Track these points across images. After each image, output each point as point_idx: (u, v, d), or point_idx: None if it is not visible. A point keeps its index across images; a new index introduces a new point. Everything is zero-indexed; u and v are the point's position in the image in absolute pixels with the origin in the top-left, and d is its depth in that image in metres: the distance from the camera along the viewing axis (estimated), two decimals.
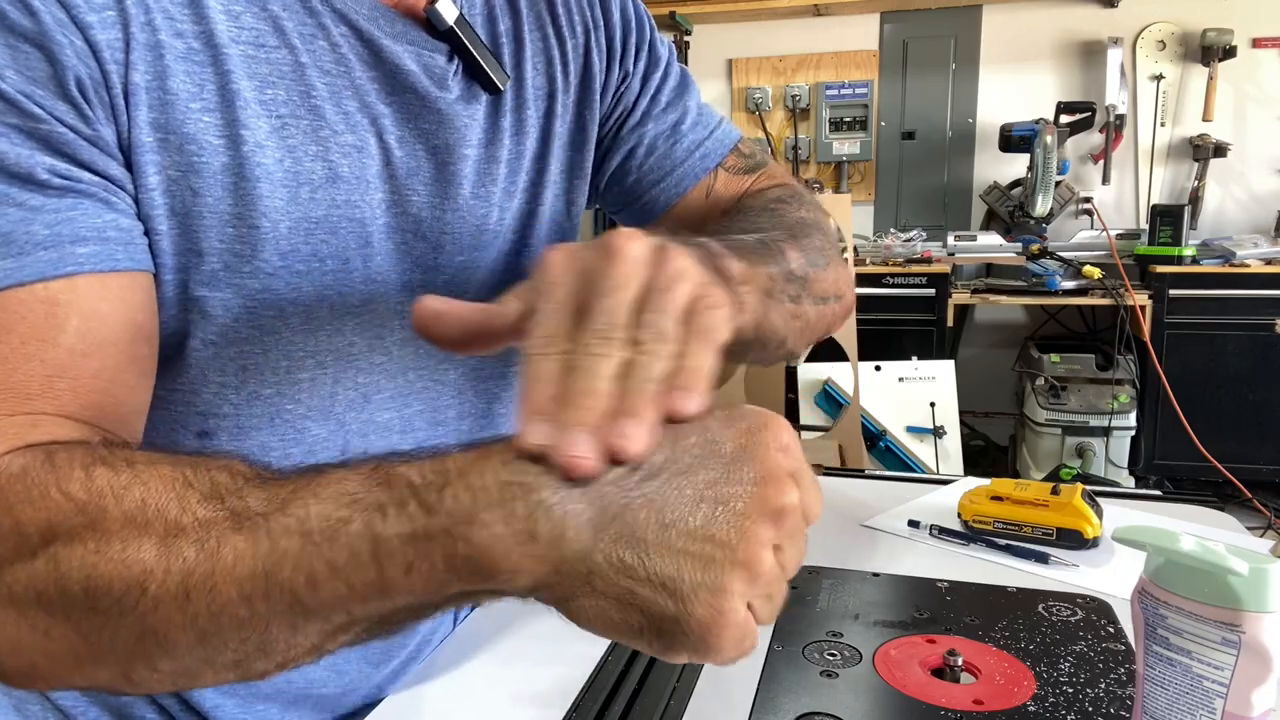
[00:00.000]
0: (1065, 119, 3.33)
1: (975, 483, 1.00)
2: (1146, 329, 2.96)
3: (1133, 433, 2.99)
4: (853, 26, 3.68)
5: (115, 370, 0.49)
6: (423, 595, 0.37)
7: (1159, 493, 1.10)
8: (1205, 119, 3.31)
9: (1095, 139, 3.44)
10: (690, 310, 0.38)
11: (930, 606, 0.74)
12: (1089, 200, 3.43)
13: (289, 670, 0.41)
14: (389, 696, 0.68)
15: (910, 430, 2.96)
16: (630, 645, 0.37)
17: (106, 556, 0.39)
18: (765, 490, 0.36)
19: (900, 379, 3.00)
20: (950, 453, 2.96)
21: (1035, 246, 3.11)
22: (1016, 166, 3.40)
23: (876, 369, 2.98)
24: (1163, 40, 3.39)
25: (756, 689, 0.62)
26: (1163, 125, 3.42)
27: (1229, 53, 3.24)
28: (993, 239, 3.30)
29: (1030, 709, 0.60)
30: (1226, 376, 2.97)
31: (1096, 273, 3.01)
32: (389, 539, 0.36)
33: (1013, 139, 3.26)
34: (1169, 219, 3.05)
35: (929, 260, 3.17)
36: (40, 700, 0.65)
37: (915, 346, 3.07)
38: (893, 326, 3.10)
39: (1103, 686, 0.62)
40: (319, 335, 0.60)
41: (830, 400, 2.95)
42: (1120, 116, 3.36)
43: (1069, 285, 3.04)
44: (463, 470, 0.36)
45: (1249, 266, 2.95)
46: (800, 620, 0.72)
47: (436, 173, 0.64)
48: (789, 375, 2.93)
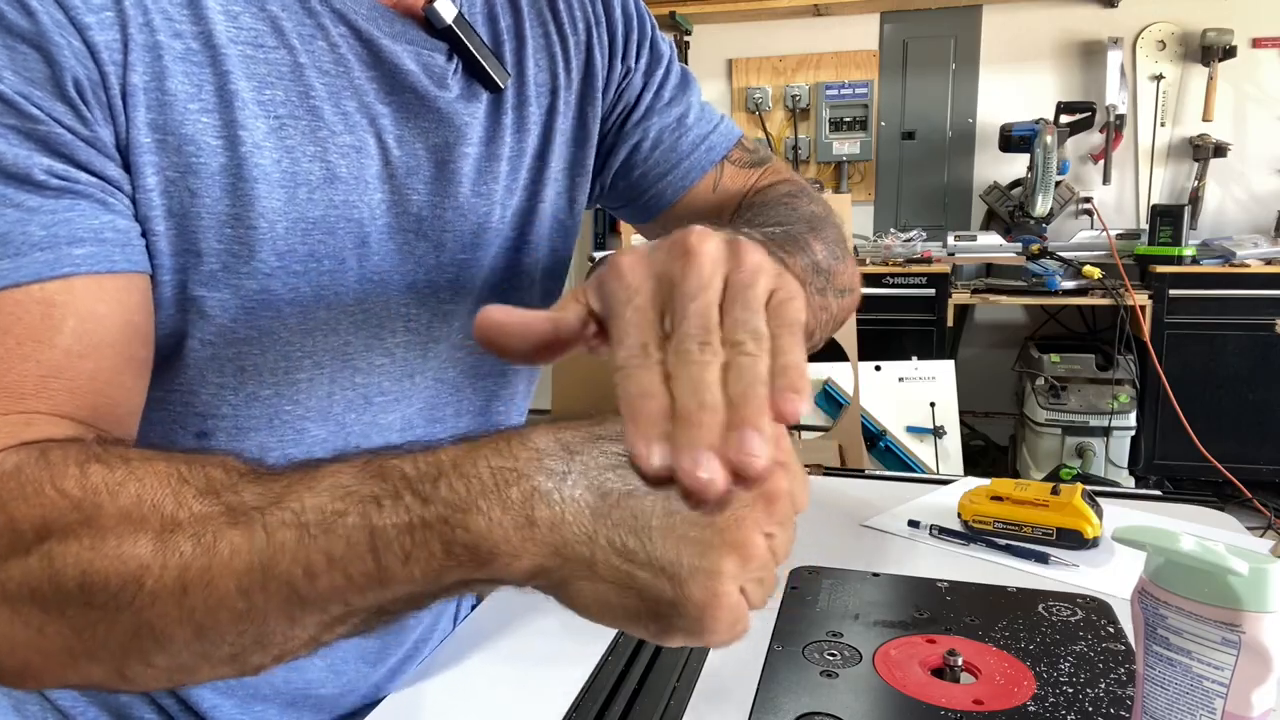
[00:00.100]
0: (1065, 119, 3.33)
1: (975, 483, 1.00)
2: (1146, 329, 2.96)
3: (1133, 433, 2.99)
4: (853, 26, 3.68)
5: (111, 371, 0.49)
6: (421, 585, 0.37)
7: (1159, 493, 1.10)
8: (1205, 119, 3.31)
9: (1095, 139, 3.44)
10: (773, 303, 0.36)
11: (930, 606, 0.74)
12: (1089, 200, 3.43)
13: (284, 664, 0.41)
14: (389, 696, 0.68)
15: (910, 430, 2.96)
16: (625, 629, 0.38)
17: (102, 552, 0.39)
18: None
19: (900, 379, 3.00)
20: (950, 453, 2.96)
21: (1035, 246, 3.11)
22: (1016, 166, 3.40)
23: (876, 369, 2.98)
24: (1163, 40, 3.39)
25: (756, 689, 0.62)
26: (1163, 125, 3.42)
27: (1229, 53, 3.24)
28: (993, 239, 3.30)
29: (1030, 709, 0.60)
30: (1226, 376, 2.96)
31: (1096, 273, 3.01)
32: (385, 529, 0.36)
33: (1013, 139, 3.26)
34: (1169, 219, 3.05)
35: (929, 260, 3.17)
36: (39, 700, 0.65)
37: (915, 346, 3.07)
38: (893, 326, 3.10)
39: (1103, 686, 0.62)
40: (315, 336, 0.60)
41: (830, 400, 2.95)
42: (1120, 116, 3.36)
43: (1069, 285, 3.04)
44: (456, 461, 0.36)
45: (1249, 266, 2.95)
46: (800, 620, 0.72)
47: (436, 172, 0.64)
48: None
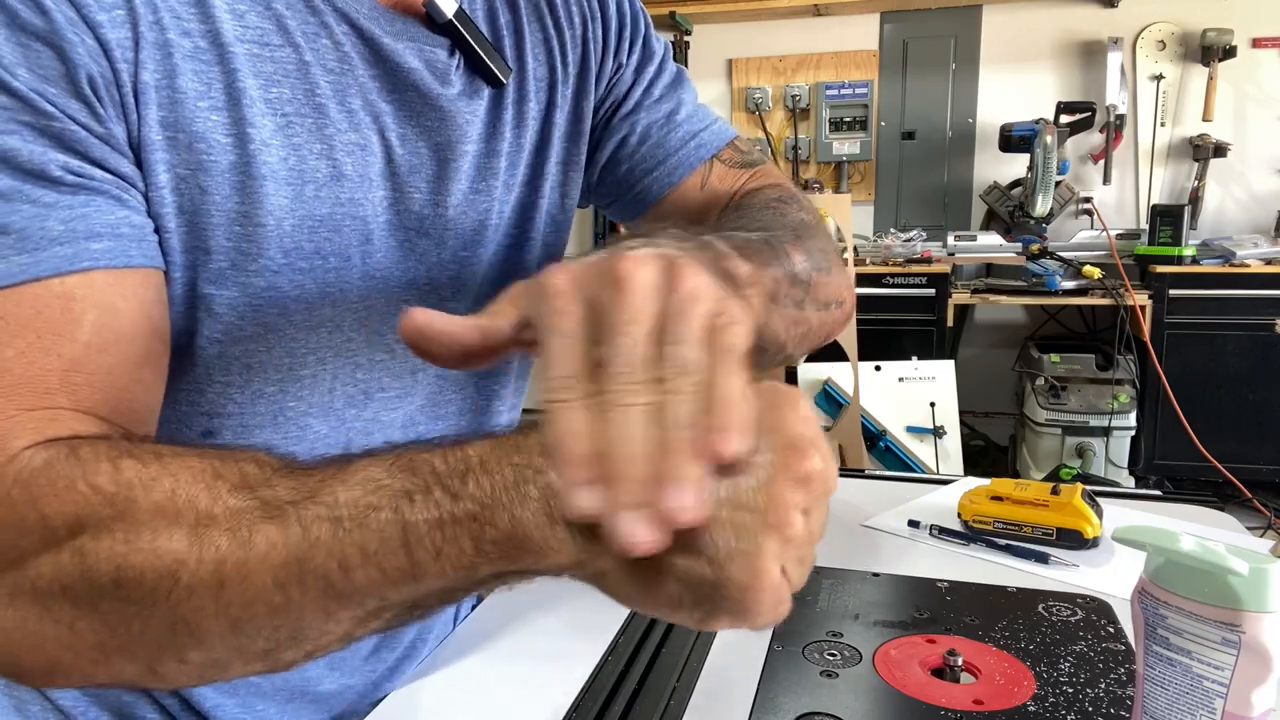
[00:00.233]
0: (1065, 119, 3.33)
1: (975, 483, 1.00)
2: (1146, 329, 2.96)
3: (1133, 433, 2.99)
4: (853, 26, 3.68)
5: (131, 365, 0.49)
6: (453, 579, 0.37)
7: (1159, 493, 1.10)
8: (1205, 119, 3.32)
9: (1095, 139, 3.44)
10: (710, 331, 0.36)
11: (930, 606, 0.74)
12: (1089, 200, 3.43)
13: (315, 659, 0.41)
14: (389, 695, 0.68)
15: (910, 430, 2.96)
16: (668, 617, 0.37)
17: (137, 546, 0.39)
18: (790, 457, 0.36)
19: (900, 379, 3.00)
20: (950, 453, 2.96)
21: (1035, 246, 3.11)
22: (1016, 166, 3.40)
23: (876, 369, 2.98)
24: (1163, 40, 3.39)
25: (756, 689, 0.62)
26: (1163, 125, 3.42)
27: (1229, 53, 3.24)
28: (993, 239, 3.30)
29: (1030, 709, 0.60)
30: (1226, 376, 2.97)
31: (1096, 273, 3.01)
32: (416, 525, 0.36)
33: (1013, 139, 3.26)
34: (1169, 219, 3.05)
35: (929, 260, 3.17)
36: (40, 700, 0.65)
37: (915, 346, 3.07)
38: (893, 326, 3.10)
39: (1103, 686, 0.62)
40: (320, 332, 0.60)
41: (830, 400, 2.95)
42: (1120, 116, 3.36)
43: (1069, 285, 3.04)
44: (483, 458, 0.36)
45: (1249, 266, 2.95)
46: (800, 620, 0.72)
47: (438, 169, 0.64)
48: (789, 375, 2.93)
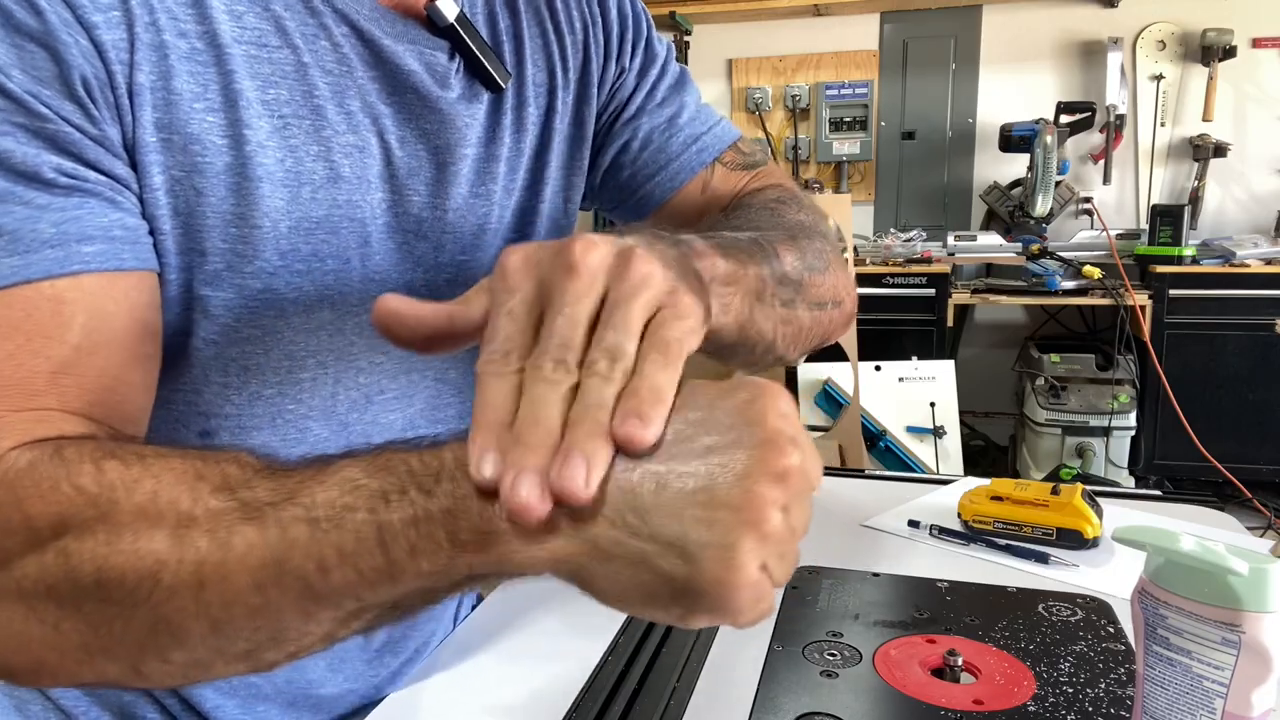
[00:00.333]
0: (1065, 119, 3.33)
1: (975, 483, 1.00)
2: (1146, 329, 2.96)
3: (1133, 433, 2.99)
4: (853, 26, 3.68)
5: (120, 368, 0.49)
6: (430, 578, 0.37)
7: (1159, 493, 1.10)
8: (1205, 119, 3.31)
9: (1095, 139, 3.44)
10: (654, 322, 0.36)
11: (930, 606, 0.74)
12: (1089, 200, 3.43)
13: (298, 660, 0.41)
14: (390, 696, 0.68)
15: (910, 430, 2.96)
16: (649, 615, 0.37)
17: (118, 548, 0.39)
18: (767, 453, 0.36)
19: (900, 379, 3.00)
20: (950, 453, 2.96)
21: (1035, 246, 3.11)
22: (1016, 166, 3.40)
23: (876, 369, 2.98)
24: (1163, 40, 3.39)
25: (756, 689, 0.62)
26: (1163, 125, 3.42)
27: (1229, 53, 3.24)
28: (993, 239, 3.30)
29: (1030, 709, 0.60)
30: (1226, 376, 2.96)
31: (1096, 273, 3.01)
32: (392, 524, 0.36)
33: (1013, 139, 3.26)
34: (1169, 219, 3.05)
35: (929, 260, 3.17)
36: (41, 700, 0.65)
37: (915, 346, 3.07)
38: (893, 326, 3.10)
39: (1103, 686, 0.62)
40: (319, 335, 0.60)
41: (830, 400, 2.95)
42: (1120, 116, 3.36)
43: (1069, 285, 3.04)
44: (457, 454, 0.36)
45: (1249, 266, 2.95)
46: (800, 620, 0.72)
47: (437, 173, 0.64)
48: (789, 375, 2.93)
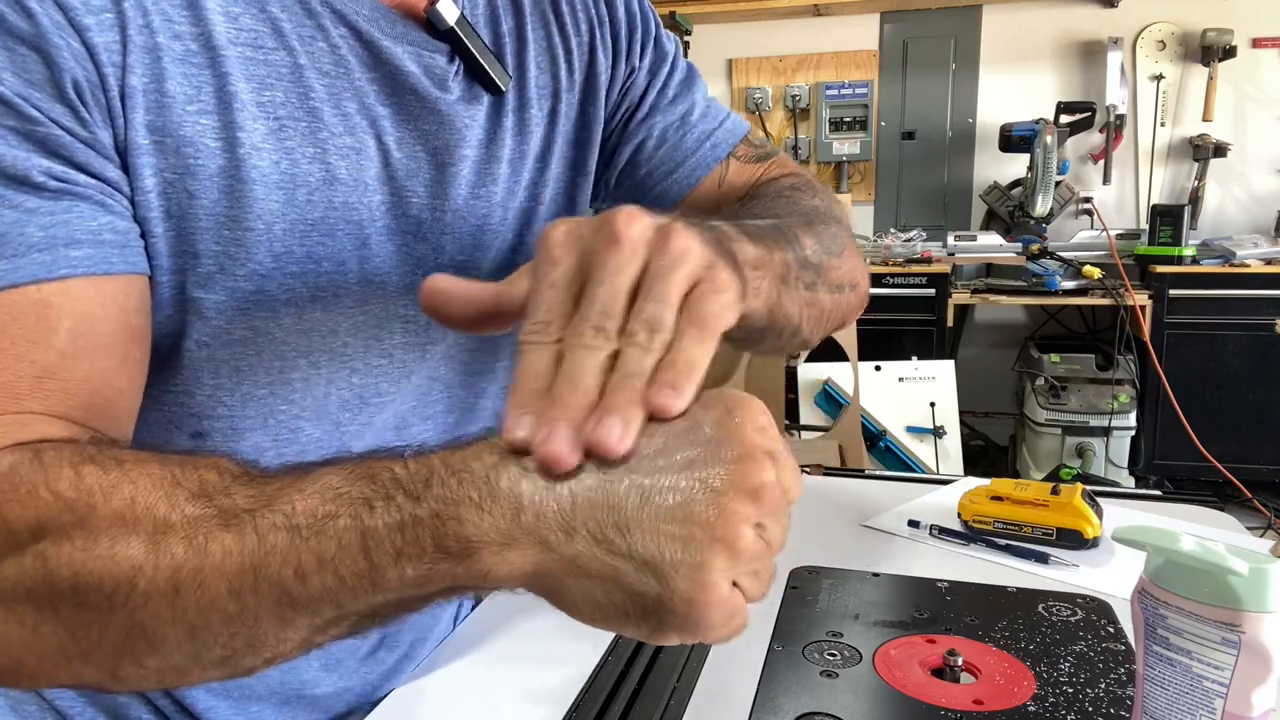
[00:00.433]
0: (1065, 119, 3.33)
1: (975, 483, 0.99)
2: (1146, 329, 2.96)
3: (1133, 433, 2.99)
4: (853, 26, 3.68)
5: (106, 372, 0.49)
6: (411, 585, 0.37)
7: (1159, 493, 1.10)
8: (1205, 119, 3.32)
9: (1095, 139, 3.44)
10: (692, 296, 0.37)
11: (930, 606, 0.74)
12: (1089, 200, 3.43)
13: (275, 666, 0.41)
14: (389, 696, 0.68)
15: (910, 430, 2.97)
16: (619, 630, 0.37)
17: (95, 553, 0.39)
18: (743, 468, 0.36)
19: (900, 379, 3.00)
20: (950, 453, 2.96)
21: (1035, 246, 3.11)
22: (1016, 166, 3.40)
23: (876, 369, 2.98)
24: (1163, 40, 3.39)
25: (756, 689, 0.62)
26: (1163, 125, 3.42)
27: (1229, 53, 3.24)
28: (993, 239, 3.30)
29: (1030, 709, 0.60)
30: (1226, 376, 2.97)
31: (1096, 273, 3.01)
32: (377, 529, 0.36)
33: (1013, 139, 3.26)
34: (1169, 219, 3.05)
35: (929, 260, 3.17)
36: (37, 700, 0.65)
37: (915, 346, 3.07)
38: (893, 326, 3.10)
39: (1103, 686, 0.62)
40: (312, 336, 0.60)
41: (830, 400, 2.95)
42: (1120, 116, 3.36)
43: (1069, 285, 3.04)
44: (447, 461, 0.37)
45: (1249, 266, 2.95)
46: (800, 620, 0.72)
47: (436, 174, 0.64)
48: (789, 375, 2.93)
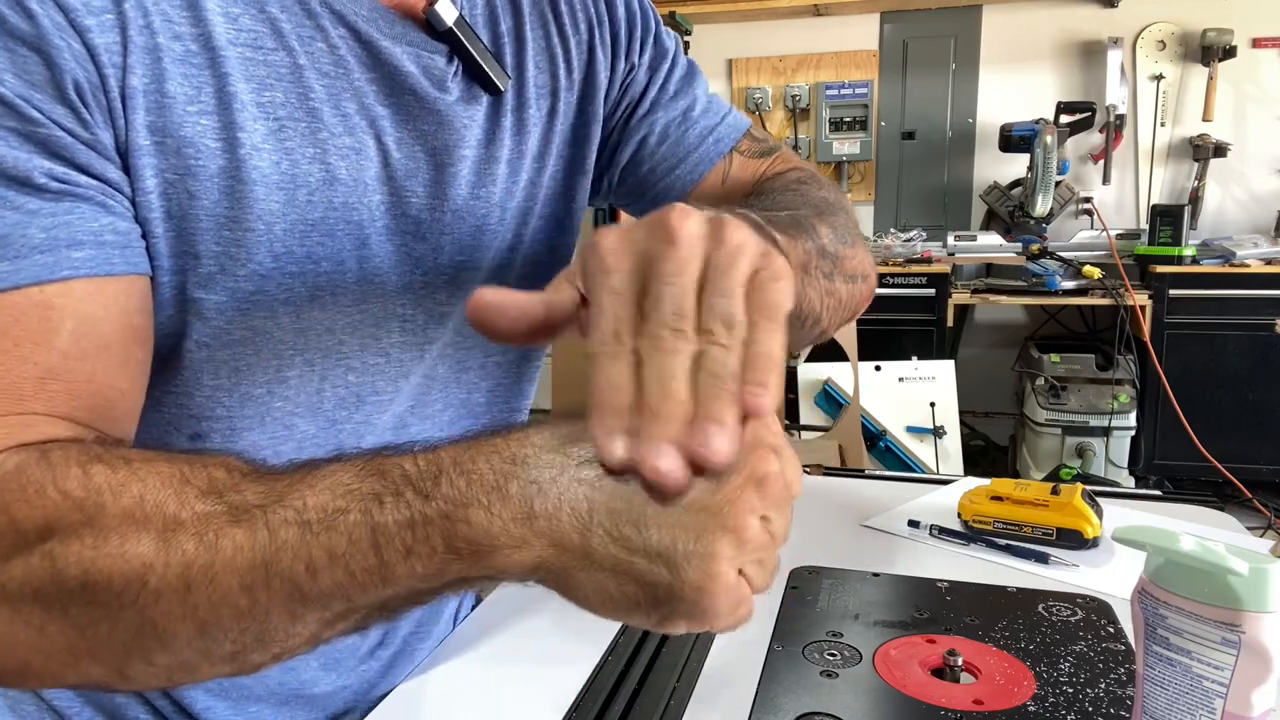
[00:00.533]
0: (1065, 119, 3.33)
1: (975, 483, 1.00)
2: (1146, 329, 2.96)
3: (1133, 433, 2.99)
4: (853, 26, 3.68)
5: (108, 373, 0.49)
6: (421, 580, 0.37)
7: (1159, 493, 1.10)
8: (1205, 119, 3.32)
9: (1095, 139, 3.44)
10: (754, 286, 0.36)
11: (930, 606, 0.74)
12: (1089, 200, 3.43)
13: (282, 662, 0.42)
14: (390, 695, 0.68)
15: (910, 430, 2.97)
16: (627, 620, 0.38)
17: (105, 551, 0.39)
18: (749, 460, 0.37)
19: (900, 379, 3.00)
20: (950, 453, 2.96)
21: (1035, 246, 3.11)
22: (1016, 166, 3.40)
23: (876, 369, 2.98)
24: (1163, 40, 3.39)
25: (756, 689, 0.62)
26: (1163, 125, 3.42)
27: (1229, 53, 3.24)
28: (993, 239, 3.30)
29: (1030, 709, 0.60)
30: (1226, 376, 2.96)
31: (1096, 273, 3.01)
32: (387, 526, 0.37)
33: (1013, 139, 3.26)
34: (1169, 219, 3.05)
35: (929, 260, 3.17)
36: (35, 700, 0.65)
37: (915, 346, 3.07)
38: (893, 326, 3.10)
39: (1103, 686, 0.62)
40: (309, 335, 0.60)
41: (830, 400, 2.95)
42: (1120, 116, 3.36)
43: (1069, 285, 3.04)
44: (456, 459, 0.37)
45: (1249, 266, 2.95)
46: (800, 620, 0.72)
47: (435, 174, 0.64)
48: (789, 375, 2.93)
